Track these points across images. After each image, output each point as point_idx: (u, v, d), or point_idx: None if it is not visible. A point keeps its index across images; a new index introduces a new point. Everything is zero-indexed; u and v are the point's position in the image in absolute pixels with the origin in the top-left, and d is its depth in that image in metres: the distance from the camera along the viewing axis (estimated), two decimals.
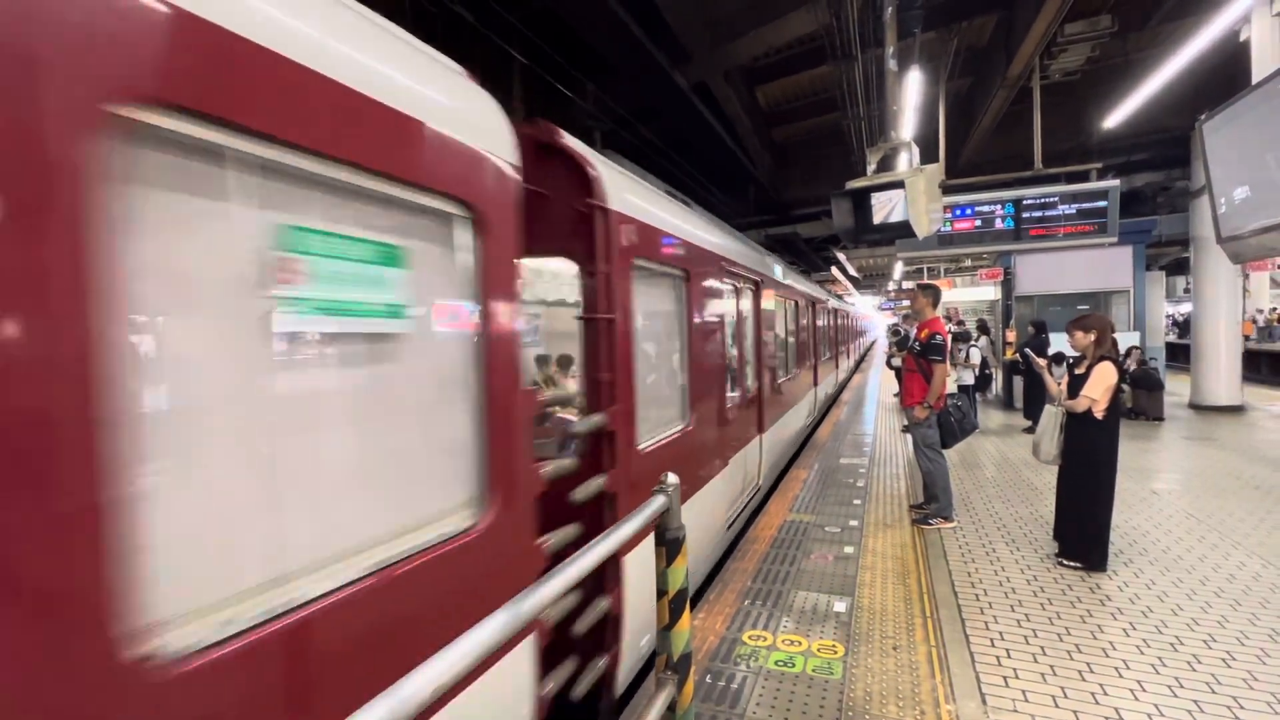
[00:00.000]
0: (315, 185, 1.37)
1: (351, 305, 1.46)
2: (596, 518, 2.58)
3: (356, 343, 1.51)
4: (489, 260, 1.83)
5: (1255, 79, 5.41)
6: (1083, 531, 4.13)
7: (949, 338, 5.38)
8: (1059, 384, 4.31)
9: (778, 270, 7.76)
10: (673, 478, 2.02)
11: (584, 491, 2.47)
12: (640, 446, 3.05)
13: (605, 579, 2.64)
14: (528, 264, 3.18)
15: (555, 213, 2.68)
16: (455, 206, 1.74)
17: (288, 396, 1.36)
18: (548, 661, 2.06)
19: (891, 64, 5.93)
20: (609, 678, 2.71)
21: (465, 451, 1.79)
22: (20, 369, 0.86)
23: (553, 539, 2.10)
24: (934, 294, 5.29)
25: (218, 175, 1.19)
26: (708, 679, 2.98)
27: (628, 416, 2.83)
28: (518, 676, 1.88)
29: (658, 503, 1.93)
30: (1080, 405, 4.04)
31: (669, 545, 2.01)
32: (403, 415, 1.65)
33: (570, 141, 2.72)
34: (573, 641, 2.44)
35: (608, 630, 2.67)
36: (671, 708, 2.01)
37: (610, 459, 2.66)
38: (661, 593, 2.02)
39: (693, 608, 3.63)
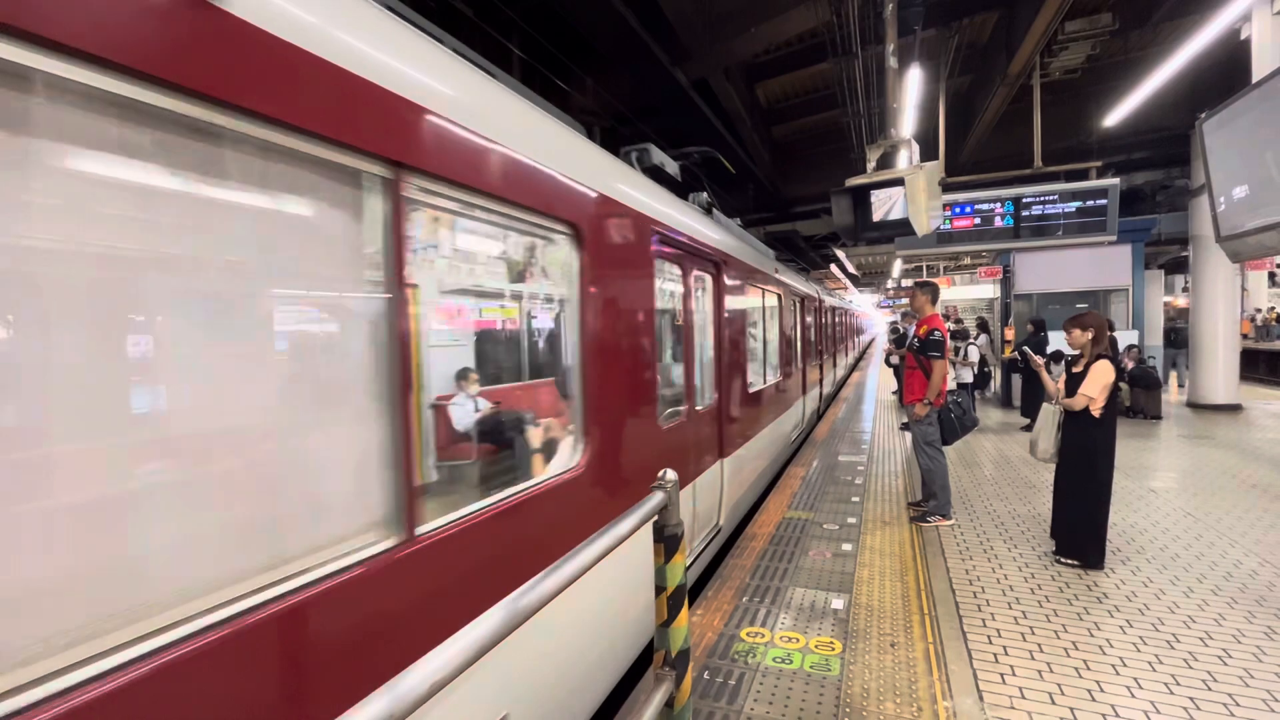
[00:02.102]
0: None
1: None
2: None
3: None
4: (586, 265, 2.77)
5: (1255, 78, 5.40)
6: (1080, 529, 4.14)
7: (948, 334, 5.38)
8: (1057, 383, 4.32)
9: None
10: (671, 474, 2.02)
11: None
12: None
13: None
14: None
15: None
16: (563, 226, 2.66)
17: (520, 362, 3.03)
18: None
19: (892, 61, 5.91)
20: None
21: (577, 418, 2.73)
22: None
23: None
24: (933, 291, 5.30)
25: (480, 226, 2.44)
26: (706, 675, 2.99)
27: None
28: None
29: (656, 499, 1.93)
30: (1078, 404, 4.04)
31: (667, 541, 2.01)
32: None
33: None
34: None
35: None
36: (670, 704, 2.02)
37: None
38: (660, 589, 2.02)
39: (692, 604, 3.63)
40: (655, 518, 1.97)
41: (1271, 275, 16.63)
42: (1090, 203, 9.37)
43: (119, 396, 1.24)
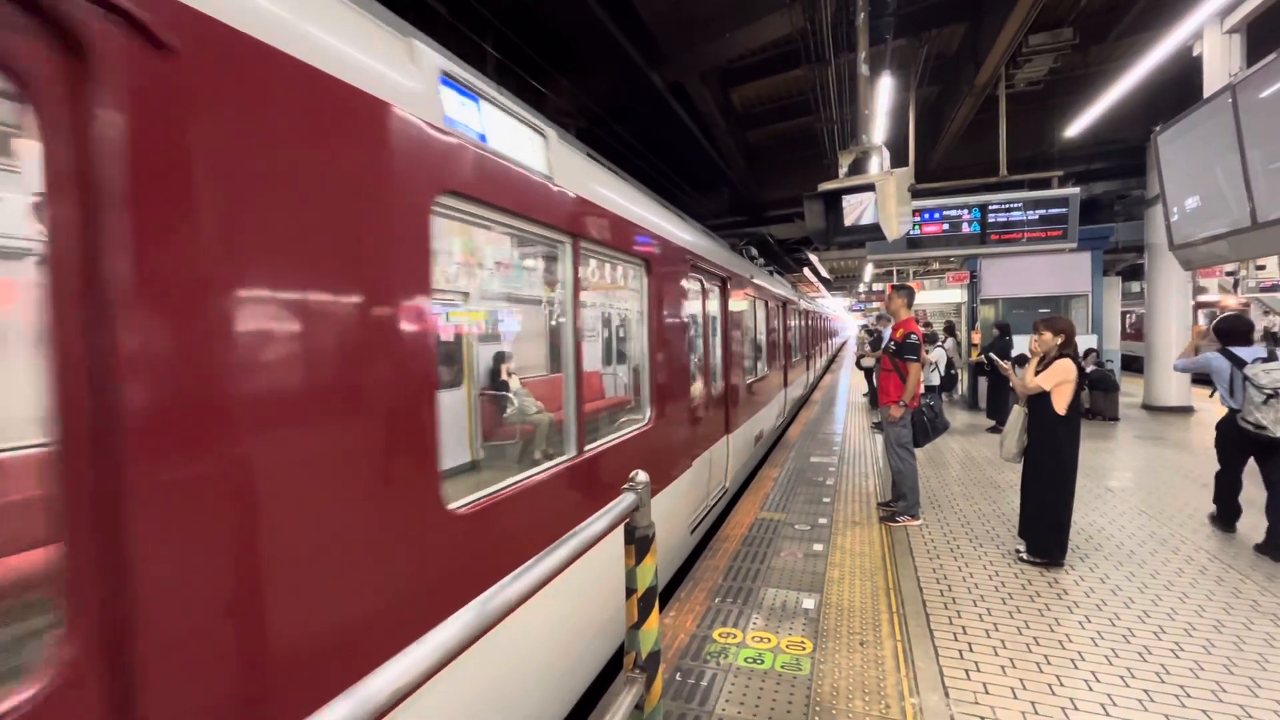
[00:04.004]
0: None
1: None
2: None
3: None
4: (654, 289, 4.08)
5: (1206, 93, 5.63)
6: (1044, 528, 4.25)
7: (923, 338, 5.48)
8: (1023, 380, 4.43)
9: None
10: (642, 475, 2.01)
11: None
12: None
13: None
14: None
15: None
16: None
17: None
18: None
19: (863, 69, 6.02)
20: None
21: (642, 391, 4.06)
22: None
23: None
24: (908, 295, 5.37)
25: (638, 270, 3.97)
26: (678, 677, 2.99)
27: None
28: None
29: (627, 500, 1.92)
30: (1030, 382, 4.18)
31: (638, 543, 2.01)
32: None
33: None
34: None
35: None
36: (640, 706, 2.01)
37: None
38: (630, 591, 2.01)
39: (663, 606, 3.64)
40: (627, 520, 1.96)
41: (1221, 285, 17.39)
42: (1052, 211, 9.68)
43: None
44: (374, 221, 1.69)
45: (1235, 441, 4.54)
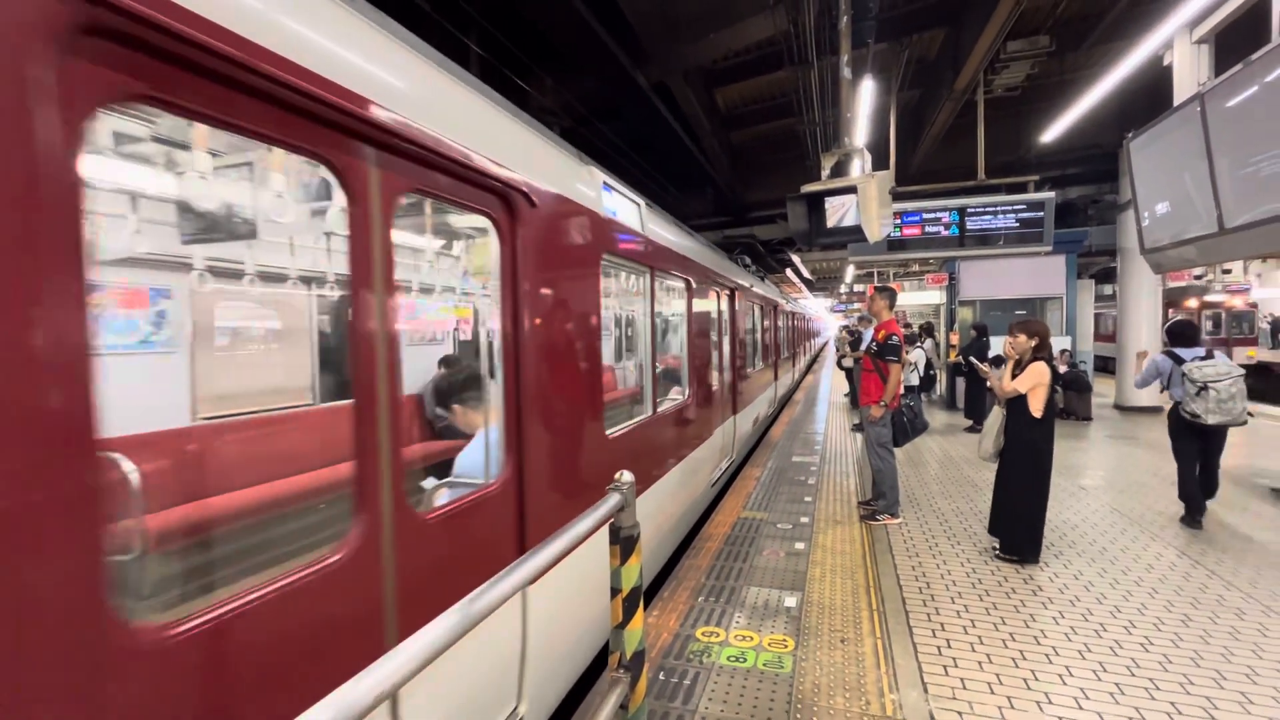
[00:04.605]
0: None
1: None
2: None
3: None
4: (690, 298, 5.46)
5: (1176, 102, 5.78)
6: (1020, 526, 4.34)
7: (904, 339, 5.55)
8: (1000, 382, 4.51)
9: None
10: (628, 475, 2.02)
11: None
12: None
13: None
14: None
15: None
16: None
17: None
18: None
19: (846, 72, 6.08)
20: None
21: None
22: None
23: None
24: (890, 296, 5.43)
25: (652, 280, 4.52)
26: (661, 676, 3.00)
27: None
28: None
29: (612, 501, 1.92)
30: (1006, 385, 4.27)
31: (623, 543, 2.01)
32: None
33: None
34: None
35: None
36: (625, 706, 2.01)
37: None
38: (615, 591, 2.01)
39: (648, 605, 3.65)
40: (611, 520, 1.96)
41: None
42: (1029, 214, 9.87)
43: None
44: (592, 274, 3.16)
45: (1181, 430, 5.10)
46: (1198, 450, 5.11)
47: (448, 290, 4.55)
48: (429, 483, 2.63)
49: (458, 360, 4.90)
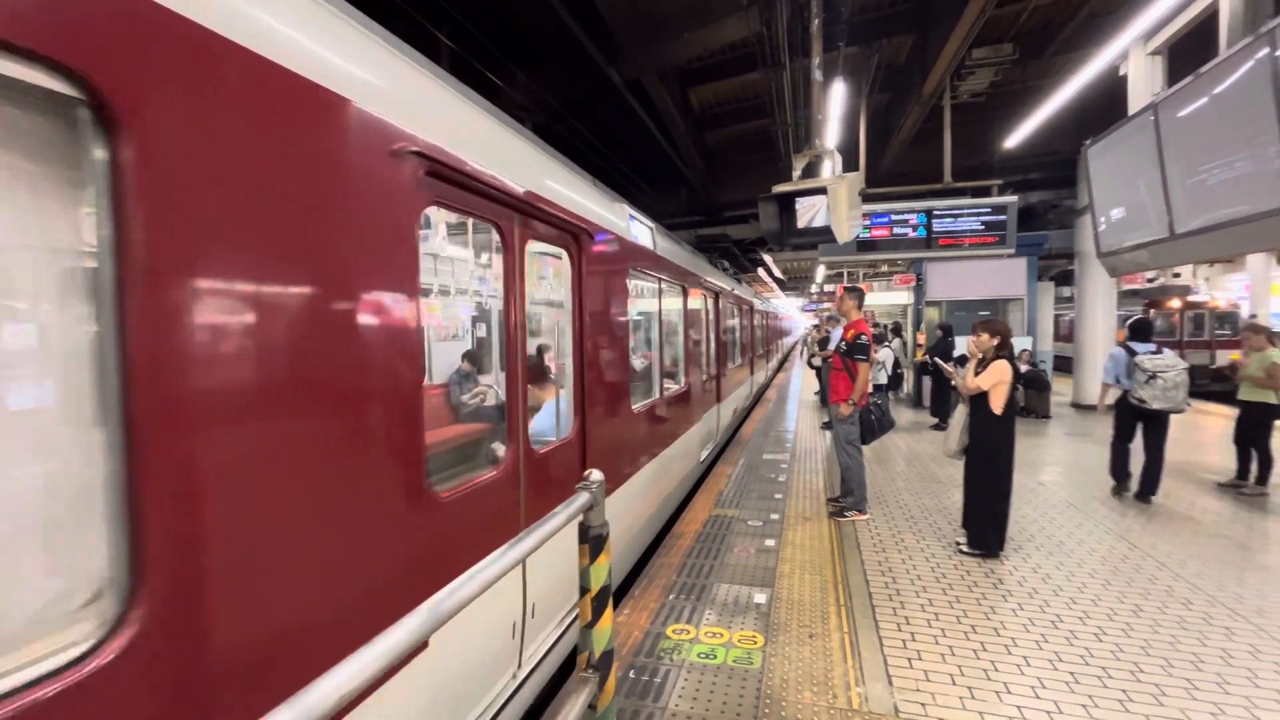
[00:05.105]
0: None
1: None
2: None
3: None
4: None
5: (1131, 111, 5.99)
6: (983, 521, 4.45)
7: (873, 338, 5.64)
8: (964, 381, 4.62)
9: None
10: (597, 474, 2.01)
11: None
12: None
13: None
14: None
15: None
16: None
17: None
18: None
19: (817, 74, 6.15)
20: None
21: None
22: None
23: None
24: (859, 296, 5.52)
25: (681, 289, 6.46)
26: (632, 674, 3.00)
27: None
28: None
29: (581, 499, 1.91)
30: (970, 382, 4.39)
31: (592, 542, 2.00)
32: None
33: None
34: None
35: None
36: (594, 706, 2.00)
37: None
38: (584, 590, 2.00)
39: (618, 604, 3.64)
40: (580, 518, 1.96)
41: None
42: (993, 218, 10.14)
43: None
44: (623, 284, 4.28)
45: (1126, 415, 5.82)
46: (1134, 432, 5.86)
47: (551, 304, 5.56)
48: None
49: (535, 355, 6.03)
